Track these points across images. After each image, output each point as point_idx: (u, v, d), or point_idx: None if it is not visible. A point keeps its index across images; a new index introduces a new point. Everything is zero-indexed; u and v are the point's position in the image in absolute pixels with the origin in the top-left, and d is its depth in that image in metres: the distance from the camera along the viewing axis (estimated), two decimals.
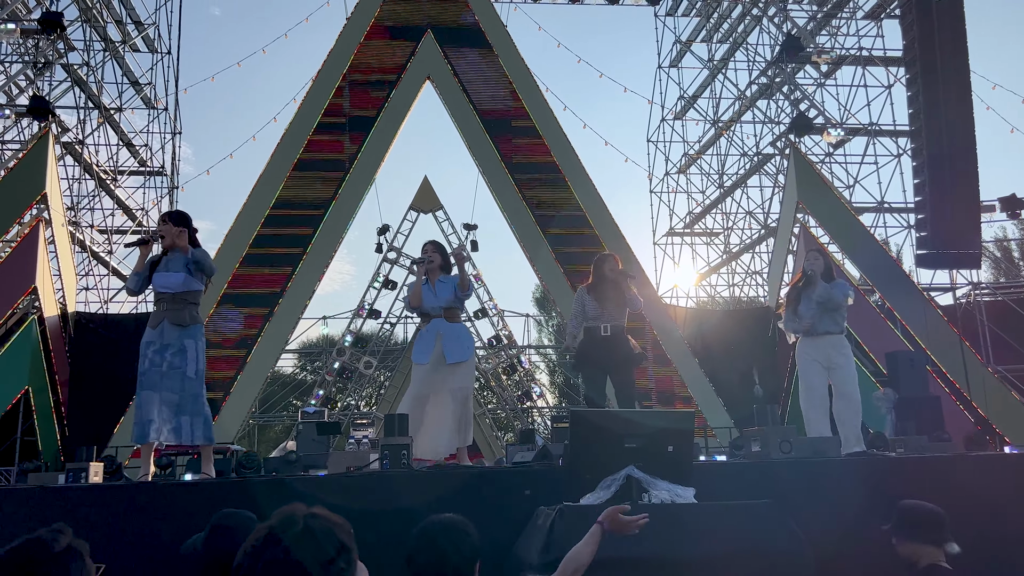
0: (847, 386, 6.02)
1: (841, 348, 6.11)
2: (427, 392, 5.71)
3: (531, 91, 17.02)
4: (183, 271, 5.16)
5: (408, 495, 4.27)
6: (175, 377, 5.05)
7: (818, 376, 6.09)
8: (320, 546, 1.48)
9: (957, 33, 15.94)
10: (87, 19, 16.74)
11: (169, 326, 5.10)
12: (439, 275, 5.97)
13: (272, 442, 25.83)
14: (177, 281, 5.14)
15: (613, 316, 6.15)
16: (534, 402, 19.63)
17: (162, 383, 5.04)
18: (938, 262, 15.80)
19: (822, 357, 6.09)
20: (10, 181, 13.86)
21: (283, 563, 1.43)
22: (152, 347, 5.10)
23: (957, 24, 16.00)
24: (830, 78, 18.74)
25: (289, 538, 1.46)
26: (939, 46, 15.78)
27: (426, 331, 5.90)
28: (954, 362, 14.05)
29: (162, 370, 5.05)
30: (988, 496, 4.52)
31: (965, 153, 15.50)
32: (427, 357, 5.73)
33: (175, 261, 5.20)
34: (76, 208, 16.40)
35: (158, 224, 5.42)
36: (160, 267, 5.21)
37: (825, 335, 6.10)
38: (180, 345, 5.09)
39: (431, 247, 6.05)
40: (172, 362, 5.07)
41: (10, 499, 4.20)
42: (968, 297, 16.03)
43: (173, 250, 5.22)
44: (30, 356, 12.99)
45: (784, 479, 4.49)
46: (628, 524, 2.70)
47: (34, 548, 1.61)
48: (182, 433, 5.05)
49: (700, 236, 20.97)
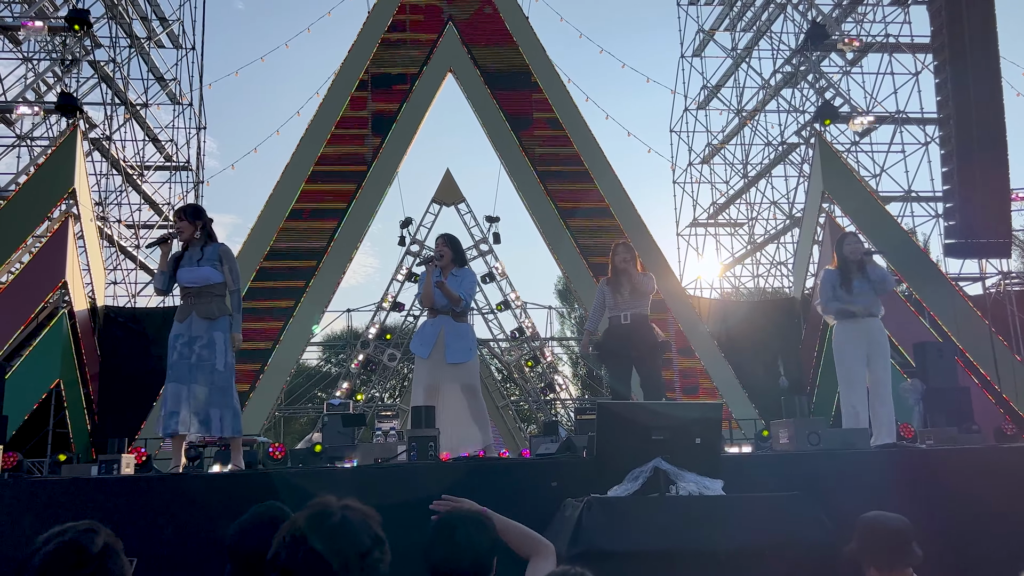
0: (885, 373, 5.84)
1: (883, 332, 5.95)
2: (432, 383, 5.68)
3: (553, 82, 16.96)
4: (207, 265, 5.20)
5: (435, 487, 4.28)
6: (204, 369, 5.09)
7: (859, 362, 5.87)
8: (357, 537, 1.49)
9: (986, 19, 15.66)
10: (113, 16, 16.90)
11: (197, 319, 5.13)
12: (452, 269, 5.93)
13: (297, 434, 26.07)
14: (203, 275, 5.17)
15: (632, 304, 6.04)
16: (557, 394, 19.63)
17: (191, 375, 5.07)
18: (967, 251, 15.57)
19: (864, 342, 5.87)
20: (40, 177, 14.07)
21: (321, 554, 1.44)
22: (180, 339, 5.13)
23: (986, 9, 15.72)
24: (856, 65, 18.49)
25: (326, 529, 1.48)
26: (968, 32, 15.51)
27: (430, 325, 5.85)
28: (984, 353, 13.87)
29: (191, 362, 5.09)
30: (1018, 488, 4.46)
31: (995, 141, 15.24)
32: (426, 351, 5.71)
33: (197, 255, 5.24)
34: (104, 203, 16.60)
35: (174, 220, 5.44)
36: (184, 262, 5.25)
37: (869, 318, 5.90)
38: (209, 338, 5.13)
39: (442, 241, 6.01)
40: (201, 355, 5.10)
41: (44, 490, 4.27)
42: (998, 287, 15.79)
43: (193, 244, 5.26)
44: (61, 349, 13.19)
45: (813, 471, 4.46)
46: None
47: (72, 552, 1.58)
48: (211, 425, 5.09)
49: (724, 227, 20.82)
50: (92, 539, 1.62)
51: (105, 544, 1.64)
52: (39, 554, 1.58)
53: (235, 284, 5.27)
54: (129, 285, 17.07)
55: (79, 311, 13.75)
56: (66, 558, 1.58)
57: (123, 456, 5.08)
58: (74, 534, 1.62)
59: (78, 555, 1.59)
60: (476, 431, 5.66)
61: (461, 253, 6.08)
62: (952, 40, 15.61)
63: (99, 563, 1.60)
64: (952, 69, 15.59)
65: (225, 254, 5.28)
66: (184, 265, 5.24)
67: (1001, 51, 15.59)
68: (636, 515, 3.55)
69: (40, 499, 4.18)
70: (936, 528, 4.17)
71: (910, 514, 3.73)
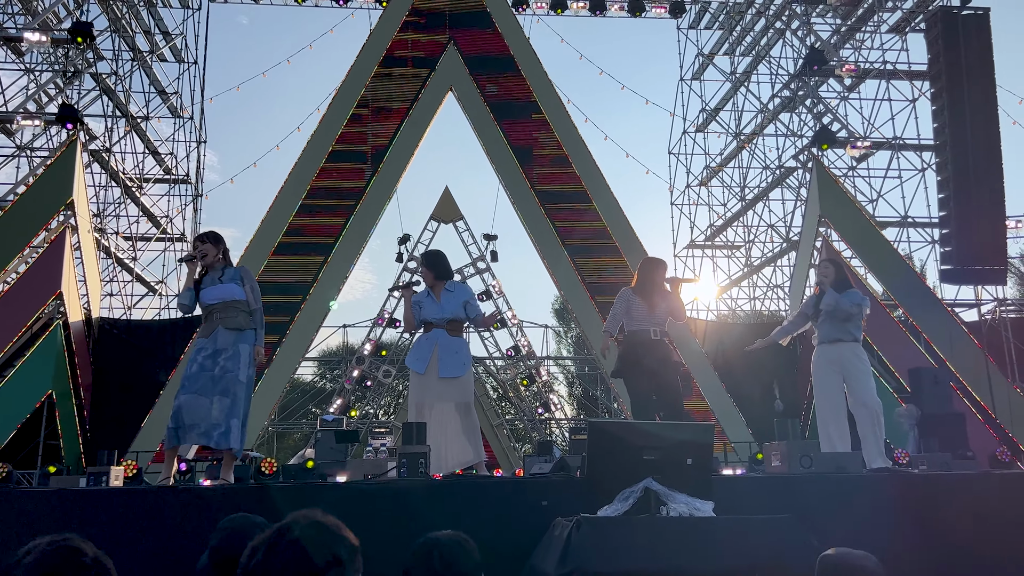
0: (864, 395, 5.80)
1: (856, 353, 5.94)
2: (426, 400, 5.65)
3: (552, 103, 17.05)
4: (231, 282, 5.32)
5: (424, 504, 4.27)
6: (228, 380, 5.09)
7: (834, 383, 5.90)
8: (329, 543, 1.49)
9: (983, 47, 15.81)
10: (116, 29, 17.00)
11: (224, 331, 5.18)
12: (443, 285, 5.91)
13: (290, 449, 25.93)
14: (227, 291, 5.29)
15: (660, 321, 6.02)
16: (552, 413, 19.57)
17: (214, 388, 5.07)
18: (963, 278, 15.60)
19: (836, 363, 5.92)
20: (38, 188, 14.08)
21: (294, 558, 1.45)
22: (204, 352, 5.15)
23: (983, 38, 15.86)
24: (854, 91, 18.62)
25: (299, 533, 1.48)
26: (964, 60, 15.64)
27: (425, 339, 5.82)
28: (979, 379, 13.86)
29: (213, 374, 5.09)
30: (1012, 515, 4.45)
31: (990, 168, 15.33)
32: (423, 366, 5.68)
33: (219, 274, 5.38)
34: (102, 215, 16.61)
35: (196, 244, 5.56)
36: (205, 283, 5.36)
37: (837, 342, 5.94)
38: (235, 349, 5.17)
39: (420, 261, 6.05)
40: (226, 366, 5.11)
41: (30, 501, 4.24)
42: (993, 313, 15.81)
43: (214, 268, 5.41)
44: (55, 361, 13.15)
45: (805, 494, 4.44)
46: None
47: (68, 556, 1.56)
48: (231, 437, 5.04)
49: (721, 249, 20.86)
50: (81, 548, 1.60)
51: (96, 559, 1.62)
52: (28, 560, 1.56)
53: (257, 303, 5.39)
54: (125, 297, 17.06)
55: (74, 322, 13.72)
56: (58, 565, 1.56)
57: (112, 468, 5.05)
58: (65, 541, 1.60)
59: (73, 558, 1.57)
60: (468, 447, 5.63)
61: (443, 267, 6.01)
62: (949, 68, 15.74)
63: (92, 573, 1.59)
64: (949, 97, 15.70)
65: (246, 274, 5.46)
66: (205, 286, 5.34)
67: (997, 80, 15.73)
68: (626, 535, 3.54)
69: (26, 510, 4.16)
70: (927, 554, 4.15)
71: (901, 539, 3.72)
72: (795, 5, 18.39)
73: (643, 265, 6.31)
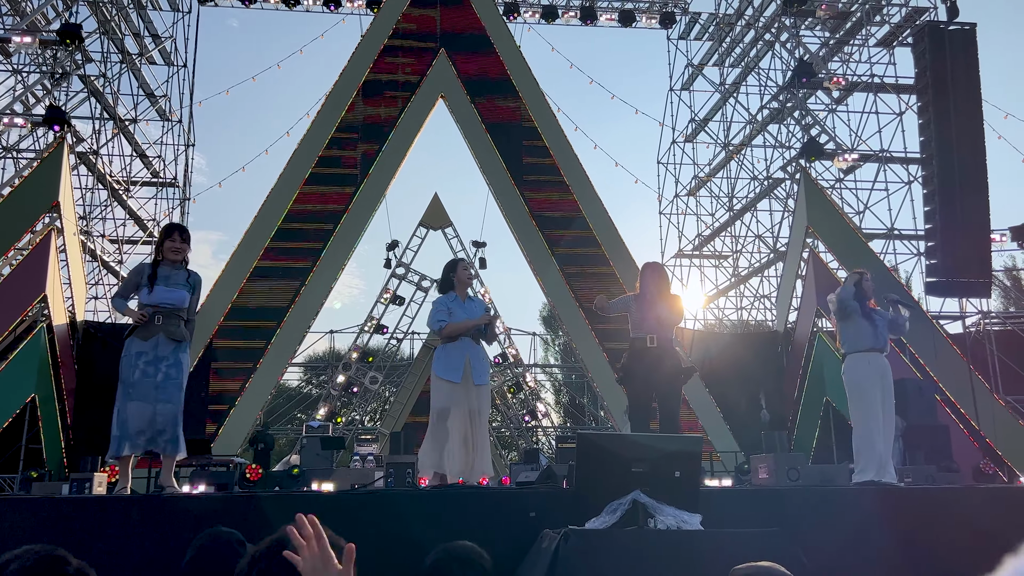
0: (893, 407, 5.79)
1: (889, 368, 5.94)
2: (452, 406, 5.61)
3: (543, 111, 17.08)
4: (184, 288, 5.24)
5: (412, 514, 4.25)
6: (172, 388, 5.09)
7: (880, 396, 5.73)
8: None
9: (969, 62, 15.97)
10: (105, 31, 16.91)
11: (165, 340, 5.13)
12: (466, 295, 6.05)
13: (276, 455, 25.76)
14: (181, 297, 5.23)
15: (658, 328, 5.90)
16: (539, 421, 19.56)
17: (156, 395, 5.04)
18: (948, 290, 15.72)
19: (879, 373, 5.80)
20: (24, 189, 13.96)
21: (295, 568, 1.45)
22: (144, 358, 5.08)
23: (969, 53, 16.02)
24: (841, 104, 18.76)
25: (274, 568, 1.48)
26: (951, 74, 15.80)
27: (455, 348, 5.78)
28: (963, 391, 13.95)
29: (156, 381, 5.06)
30: (996, 529, 4.47)
31: (976, 181, 15.47)
32: (458, 375, 5.66)
33: (177, 276, 5.26)
34: (88, 217, 16.49)
35: (178, 238, 5.38)
36: (160, 280, 5.22)
37: (882, 352, 5.87)
38: (175, 358, 5.14)
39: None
40: (168, 373, 5.10)
41: (11, 508, 4.19)
42: (978, 326, 15.93)
43: (177, 267, 5.30)
44: (38, 364, 13.01)
45: (792, 506, 4.45)
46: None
47: (49, 566, 1.56)
48: (179, 444, 5.09)
49: (709, 259, 20.94)
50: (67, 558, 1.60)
51: (79, 569, 1.62)
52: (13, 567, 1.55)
53: (194, 313, 5.40)
54: (110, 300, 16.92)
55: (58, 325, 13.59)
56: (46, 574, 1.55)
57: (95, 475, 5.01)
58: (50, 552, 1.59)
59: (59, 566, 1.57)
60: (489, 458, 5.63)
61: (445, 278, 6.15)
62: (936, 82, 15.89)
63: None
64: (935, 110, 15.84)
65: (198, 284, 5.41)
66: (161, 284, 5.20)
67: (984, 93, 15.89)
68: (613, 548, 3.53)
69: (9, 518, 4.11)
70: (911, 566, 4.17)
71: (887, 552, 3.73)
72: (784, 18, 18.53)
73: (645, 270, 6.22)
